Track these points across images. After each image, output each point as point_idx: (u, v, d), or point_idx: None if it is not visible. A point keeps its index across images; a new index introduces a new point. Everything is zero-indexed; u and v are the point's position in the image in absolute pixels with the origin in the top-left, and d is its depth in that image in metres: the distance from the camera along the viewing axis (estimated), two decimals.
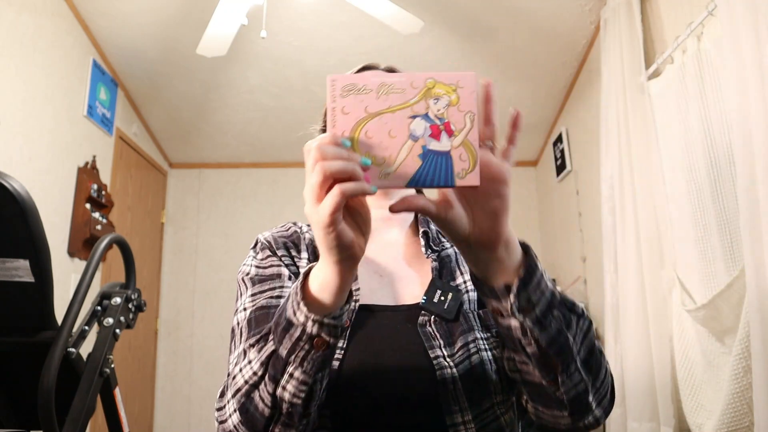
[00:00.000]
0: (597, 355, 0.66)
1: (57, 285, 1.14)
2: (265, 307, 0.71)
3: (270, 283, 0.75)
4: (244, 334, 0.69)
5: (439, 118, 0.53)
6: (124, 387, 3.10)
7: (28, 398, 1.21)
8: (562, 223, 3.56)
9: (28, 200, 1.01)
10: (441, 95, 0.53)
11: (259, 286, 0.75)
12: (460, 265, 0.84)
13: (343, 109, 0.52)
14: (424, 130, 0.53)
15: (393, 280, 0.82)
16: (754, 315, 1.36)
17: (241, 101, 3.41)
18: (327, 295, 0.56)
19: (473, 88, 0.54)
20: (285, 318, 0.58)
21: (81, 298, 1.17)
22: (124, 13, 2.68)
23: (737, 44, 1.46)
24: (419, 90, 0.53)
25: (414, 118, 0.53)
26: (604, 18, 2.47)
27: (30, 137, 2.38)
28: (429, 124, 0.53)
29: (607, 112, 2.40)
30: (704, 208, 1.83)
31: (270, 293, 0.73)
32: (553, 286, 0.61)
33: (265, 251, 0.80)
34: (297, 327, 0.56)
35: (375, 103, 0.52)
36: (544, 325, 0.58)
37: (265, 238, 0.83)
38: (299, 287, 0.57)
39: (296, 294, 0.57)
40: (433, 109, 0.53)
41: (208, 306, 3.96)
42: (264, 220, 4.07)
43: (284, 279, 0.76)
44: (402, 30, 2.34)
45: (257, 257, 0.80)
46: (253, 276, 0.77)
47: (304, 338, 0.56)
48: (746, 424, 1.51)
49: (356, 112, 0.52)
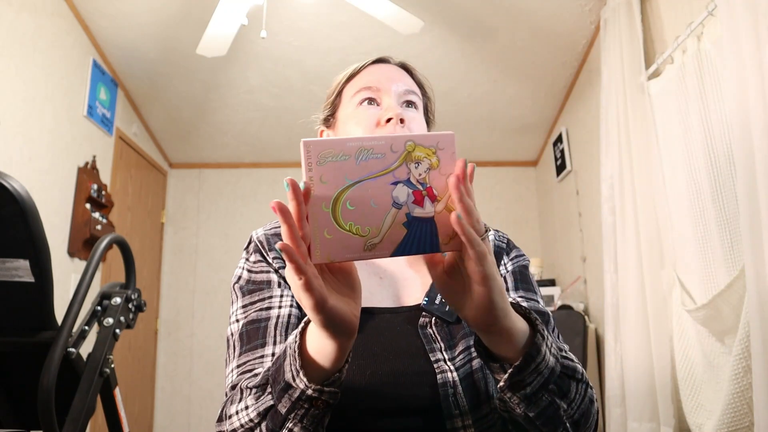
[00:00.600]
0: (591, 416, 0.66)
1: (57, 285, 1.14)
2: (255, 321, 0.72)
3: (259, 293, 0.75)
4: (237, 349, 0.70)
5: (421, 183, 0.53)
6: (124, 387, 3.10)
7: (28, 398, 1.21)
8: (562, 223, 3.56)
9: (28, 200, 1.01)
10: (421, 159, 0.53)
11: (249, 297, 0.75)
12: None
13: (321, 177, 0.51)
14: (407, 197, 0.52)
15: (393, 282, 0.81)
16: (754, 315, 1.36)
17: (241, 101, 3.41)
18: (326, 362, 0.55)
19: (453, 149, 0.54)
20: (284, 379, 0.56)
21: (81, 298, 1.17)
22: (124, 13, 2.68)
23: (737, 44, 1.46)
24: (399, 154, 0.52)
25: (396, 184, 0.52)
26: (604, 18, 2.47)
27: (30, 137, 2.38)
28: (411, 189, 0.52)
29: (607, 112, 2.40)
30: (704, 208, 1.83)
31: (260, 305, 0.74)
32: (555, 360, 0.60)
33: (257, 254, 0.79)
34: (296, 389, 0.56)
35: (355, 170, 0.51)
36: (534, 401, 0.59)
37: (258, 237, 0.81)
38: (297, 350, 0.56)
39: (294, 359, 0.56)
40: (415, 174, 0.52)
41: (208, 306, 3.96)
42: (264, 220, 4.07)
43: (273, 287, 0.75)
44: (402, 30, 2.34)
45: (249, 260, 0.80)
46: (243, 285, 0.77)
47: (303, 398, 0.56)
48: (746, 424, 1.51)
49: (336, 181, 0.51)
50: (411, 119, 0.80)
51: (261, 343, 0.70)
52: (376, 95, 0.81)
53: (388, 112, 0.78)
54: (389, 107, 0.79)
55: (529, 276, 0.84)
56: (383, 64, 0.86)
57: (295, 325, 0.72)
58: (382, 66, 0.86)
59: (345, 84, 0.86)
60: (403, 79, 0.84)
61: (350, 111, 0.82)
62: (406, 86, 0.83)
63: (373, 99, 0.81)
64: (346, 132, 0.82)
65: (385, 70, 0.84)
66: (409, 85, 0.84)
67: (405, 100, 0.82)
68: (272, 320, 0.72)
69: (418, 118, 0.82)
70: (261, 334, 0.70)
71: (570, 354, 0.69)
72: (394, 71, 0.85)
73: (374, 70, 0.84)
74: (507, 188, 4.20)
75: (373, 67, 0.85)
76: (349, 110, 0.83)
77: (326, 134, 0.89)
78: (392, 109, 0.78)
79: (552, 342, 0.61)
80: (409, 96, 0.82)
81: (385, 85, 0.81)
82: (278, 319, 0.72)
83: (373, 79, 0.82)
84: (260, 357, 0.68)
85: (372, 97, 0.81)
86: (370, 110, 0.80)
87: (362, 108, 0.81)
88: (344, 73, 0.87)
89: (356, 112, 0.81)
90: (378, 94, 0.81)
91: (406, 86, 0.83)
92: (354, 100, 0.82)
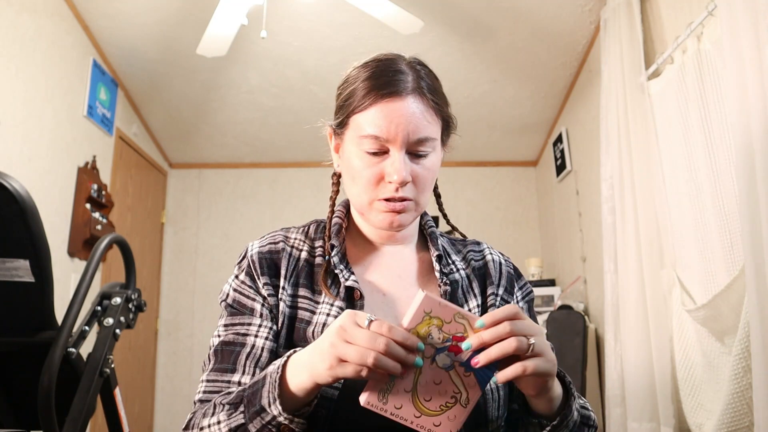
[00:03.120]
0: None
1: (57, 285, 1.15)
2: (231, 343, 0.76)
3: (240, 318, 0.78)
4: (211, 363, 0.76)
5: (446, 341, 0.60)
6: (124, 387, 3.10)
7: (28, 398, 1.21)
8: (562, 223, 3.56)
9: (28, 200, 1.01)
10: (429, 330, 0.59)
11: (230, 318, 0.78)
12: (467, 292, 0.83)
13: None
14: (450, 358, 0.60)
15: (396, 300, 0.81)
16: (754, 315, 1.36)
17: (241, 101, 3.41)
18: (302, 396, 0.63)
19: (437, 299, 0.60)
20: (259, 403, 0.63)
21: (81, 298, 1.17)
22: (124, 13, 2.68)
23: (737, 44, 1.46)
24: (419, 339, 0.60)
25: (434, 359, 0.60)
26: (604, 18, 2.47)
27: (30, 137, 2.38)
28: (446, 351, 0.60)
29: (607, 112, 2.40)
30: (704, 208, 1.83)
31: (238, 329, 0.77)
32: (578, 413, 0.71)
33: (248, 276, 0.79)
34: (269, 414, 0.62)
35: (406, 382, 0.60)
36: None
37: (252, 256, 0.80)
38: (277, 381, 0.63)
39: (274, 387, 0.63)
40: (437, 342, 0.60)
41: (208, 306, 3.96)
42: (264, 220, 4.07)
43: (255, 315, 0.77)
44: (402, 30, 2.34)
45: (238, 278, 0.80)
46: (229, 303, 0.80)
47: (273, 423, 0.63)
48: (746, 424, 1.51)
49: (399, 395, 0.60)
50: (418, 173, 0.76)
51: (231, 368, 0.74)
52: (383, 145, 0.75)
53: (393, 174, 0.74)
54: (395, 166, 0.74)
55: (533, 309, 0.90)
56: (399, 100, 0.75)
57: (267, 358, 0.75)
58: (396, 104, 0.75)
59: (354, 112, 0.78)
60: (417, 123, 0.75)
61: (356, 149, 0.77)
62: (418, 134, 0.75)
63: (378, 150, 0.76)
64: (351, 167, 0.78)
65: (397, 113, 0.74)
66: (422, 131, 0.76)
67: (416, 151, 0.76)
68: (246, 348, 0.75)
69: (427, 165, 0.78)
70: (232, 360, 0.75)
71: (587, 403, 0.78)
72: (408, 112, 0.75)
73: (387, 110, 0.74)
74: (507, 188, 4.20)
75: (386, 105, 0.75)
76: (354, 148, 0.78)
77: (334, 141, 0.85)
78: (397, 171, 0.74)
79: (577, 398, 0.71)
80: (420, 146, 0.76)
81: (396, 136, 0.74)
82: (252, 348, 0.75)
83: (383, 125, 0.74)
84: (228, 382, 0.74)
85: (378, 150, 0.75)
86: (375, 159, 0.76)
87: (367, 157, 0.76)
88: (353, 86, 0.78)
89: (362, 155, 0.77)
90: (386, 144, 0.75)
91: (418, 134, 0.75)
92: (361, 142, 0.76)
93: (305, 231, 0.86)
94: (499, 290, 0.85)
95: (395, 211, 0.76)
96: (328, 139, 0.88)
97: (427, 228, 0.89)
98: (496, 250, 0.91)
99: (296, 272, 0.80)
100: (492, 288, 0.84)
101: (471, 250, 0.89)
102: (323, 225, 0.87)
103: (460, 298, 0.82)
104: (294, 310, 0.78)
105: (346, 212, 0.88)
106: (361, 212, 0.81)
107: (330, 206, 0.88)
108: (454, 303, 0.80)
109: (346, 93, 0.80)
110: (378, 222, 0.78)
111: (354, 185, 0.79)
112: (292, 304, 0.78)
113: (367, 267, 0.84)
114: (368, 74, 0.78)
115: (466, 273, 0.85)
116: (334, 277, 0.79)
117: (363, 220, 0.85)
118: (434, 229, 0.89)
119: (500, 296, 0.84)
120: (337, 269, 0.79)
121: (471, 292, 0.83)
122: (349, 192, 0.82)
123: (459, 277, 0.84)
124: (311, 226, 0.87)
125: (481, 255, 0.89)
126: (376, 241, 0.86)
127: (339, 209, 0.87)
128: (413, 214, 0.79)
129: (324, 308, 0.77)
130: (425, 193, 0.79)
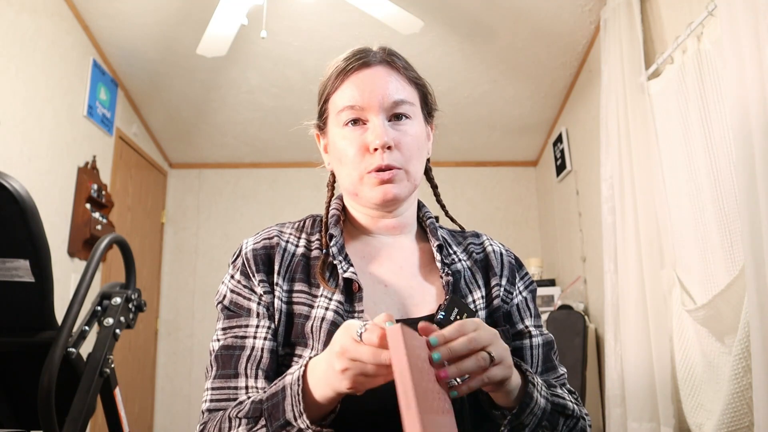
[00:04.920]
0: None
1: (57, 285, 1.14)
2: (230, 347, 0.75)
3: (237, 319, 0.77)
4: (213, 370, 0.75)
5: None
6: (124, 387, 3.10)
7: (28, 398, 1.21)
8: (562, 223, 3.56)
9: (28, 200, 1.01)
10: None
11: (228, 321, 0.77)
12: (470, 283, 0.82)
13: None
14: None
15: (399, 291, 0.80)
16: (754, 315, 1.36)
17: (241, 101, 3.41)
18: (328, 404, 0.62)
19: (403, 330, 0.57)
20: (284, 417, 0.62)
21: (81, 298, 1.17)
22: (124, 13, 2.68)
23: (737, 44, 1.46)
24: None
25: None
26: (604, 18, 2.47)
27: (30, 137, 2.38)
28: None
29: (607, 112, 2.40)
30: (704, 208, 1.83)
31: (237, 331, 0.76)
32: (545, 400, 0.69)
33: (243, 276, 0.78)
34: (294, 428, 0.62)
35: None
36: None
37: (246, 253, 0.79)
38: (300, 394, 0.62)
39: (298, 401, 0.62)
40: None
41: (208, 306, 3.96)
42: (264, 220, 4.07)
43: (252, 316, 0.76)
44: (402, 30, 2.34)
45: (234, 278, 0.79)
46: (225, 306, 0.78)
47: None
48: (746, 424, 1.51)
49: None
50: (400, 139, 0.77)
51: (234, 374, 0.73)
52: (361, 114, 0.77)
53: (375, 140, 0.75)
54: (375, 131, 0.75)
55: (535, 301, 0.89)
56: (367, 69, 0.79)
57: (268, 359, 0.74)
58: (365, 73, 0.78)
59: (330, 93, 0.81)
60: (389, 86, 0.78)
61: (338, 130, 0.79)
62: (392, 97, 0.77)
63: (358, 119, 0.77)
64: (336, 150, 0.79)
65: (368, 80, 0.78)
66: (396, 93, 0.78)
67: (394, 114, 0.78)
68: (246, 351, 0.74)
69: (410, 131, 0.78)
70: (234, 364, 0.73)
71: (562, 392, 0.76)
72: (378, 77, 0.78)
73: (357, 81, 0.78)
74: (507, 188, 4.20)
75: (356, 76, 0.78)
76: (336, 128, 0.80)
77: (322, 141, 0.87)
78: (378, 135, 0.75)
79: (542, 386, 0.70)
80: (397, 108, 0.78)
81: (370, 101, 0.76)
82: (252, 351, 0.74)
83: (356, 95, 0.77)
84: (234, 388, 0.73)
85: (357, 117, 0.77)
86: (356, 132, 0.77)
87: (348, 130, 0.77)
88: (327, 75, 0.82)
89: (344, 132, 0.78)
90: (363, 113, 0.77)
91: (392, 97, 0.77)
92: (339, 118, 0.78)
93: (301, 226, 0.85)
94: (502, 281, 0.84)
95: (384, 180, 0.76)
96: (317, 143, 0.89)
97: (425, 219, 0.88)
98: (496, 241, 0.91)
99: (291, 267, 0.79)
100: (495, 279, 0.84)
101: (471, 243, 0.89)
102: (320, 219, 0.86)
103: (463, 288, 0.81)
104: (290, 305, 0.76)
105: (343, 206, 0.87)
106: (355, 193, 0.79)
107: (326, 203, 0.87)
108: (457, 294, 0.80)
109: (322, 85, 0.83)
110: (372, 197, 0.77)
111: (343, 166, 0.79)
112: (288, 299, 0.77)
113: (368, 259, 0.83)
114: (338, 61, 0.82)
115: (468, 264, 0.84)
116: (333, 269, 0.78)
117: (358, 204, 0.83)
118: (433, 220, 0.88)
119: (503, 287, 0.84)
120: (336, 260, 0.78)
121: (474, 283, 0.82)
122: (340, 178, 0.82)
123: (461, 268, 0.83)
124: (307, 221, 0.86)
125: (481, 247, 0.88)
126: (374, 230, 0.84)
127: (336, 202, 0.87)
128: (405, 184, 0.78)
129: (322, 302, 0.75)
130: (413, 161, 0.78)
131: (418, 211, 0.89)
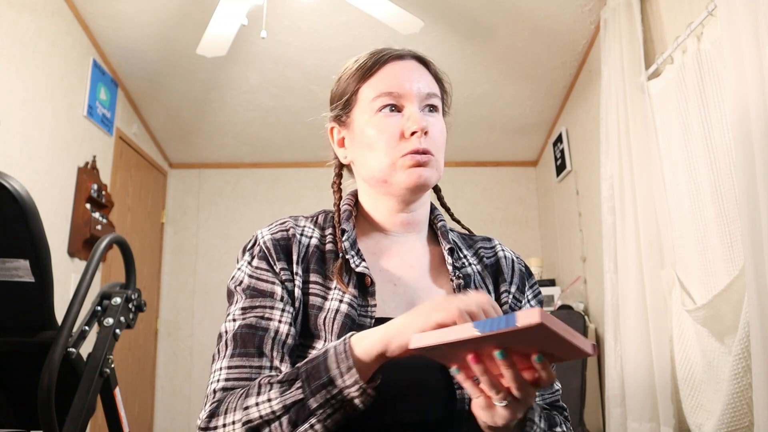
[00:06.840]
0: None
1: (57, 285, 1.14)
2: (253, 326, 0.71)
3: (261, 300, 0.74)
4: (229, 348, 0.71)
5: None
6: (124, 387, 3.10)
7: (28, 398, 1.21)
8: (562, 223, 3.56)
9: (28, 200, 1.01)
10: None
11: (250, 300, 0.74)
12: (480, 287, 0.82)
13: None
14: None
15: (408, 290, 0.80)
16: (754, 315, 1.36)
17: (241, 101, 3.41)
18: (373, 363, 0.61)
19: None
20: (327, 375, 0.61)
21: (81, 298, 1.17)
22: (124, 13, 2.68)
23: (737, 44, 1.46)
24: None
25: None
26: (604, 18, 2.47)
27: (30, 137, 2.38)
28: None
29: (607, 112, 2.40)
30: (704, 208, 1.83)
31: (261, 312, 0.73)
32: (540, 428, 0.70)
33: (263, 261, 0.76)
34: (336, 387, 0.60)
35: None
36: None
37: (265, 242, 0.77)
38: (348, 352, 0.61)
39: (345, 357, 0.61)
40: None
41: (208, 306, 3.96)
42: (264, 220, 4.07)
43: (276, 299, 0.73)
44: (402, 30, 2.34)
45: (252, 264, 0.77)
46: (245, 288, 0.75)
47: (339, 398, 0.60)
48: (746, 424, 1.51)
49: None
50: (433, 126, 0.79)
51: (257, 353, 0.70)
52: (398, 101, 0.78)
53: (413, 125, 0.76)
54: (413, 118, 0.77)
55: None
56: (400, 61, 0.81)
57: (291, 346, 0.72)
58: (399, 64, 0.81)
59: (360, 83, 0.81)
60: (424, 78, 0.81)
61: (369, 117, 0.79)
62: (428, 88, 0.80)
63: (395, 106, 0.78)
64: (366, 137, 0.79)
65: (404, 70, 0.80)
66: (429, 86, 0.81)
67: (427, 104, 0.80)
68: (270, 332, 0.71)
69: (438, 123, 0.80)
70: (257, 343, 0.70)
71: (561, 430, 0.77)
72: (414, 70, 0.81)
73: (393, 71, 0.80)
74: (507, 188, 4.20)
75: (391, 66, 0.81)
76: (367, 115, 0.79)
77: (339, 133, 0.86)
78: (416, 121, 0.76)
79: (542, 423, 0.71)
80: (430, 100, 0.80)
81: (407, 90, 0.78)
82: (276, 334, 0.71)
83: (393, 83, 0.78)
84: (258, 368, 0.69)
85: (394, 104, 0.78)
86: (392, 119, 0.78)
87: (383, 116, 0.78)
88: (356, 67, 0.83)
89: (377, 119, 0.78)
90: (399, 100, 0.78)
91: (428, 88, 0.80)
92: (373, 105, 0.79)
93: (314, 219, 0.85)
94: (511, 288, 0.84)
95: (420, 164, 0.76)
96: (329, 139, 0.88)
97: (437, 222, 0.87)
98: (508, 248, 0.90)
99: (307, 258, 0.78)
100: (504, 285, 0.84)
101: (482, 247, 0.89)
102: (332, 214, 0.86)
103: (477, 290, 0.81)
104: (306, 296, 0.75)
105: (355, 201, 0.86)
106: (384, 180, 0.78)
107: (336, 192, 0.87)
108: None
109: (347, 76, 0.84)
110: (404, 180, 0.77)
111: (372, 154, 0.78)
112: (305, 290, 0.76)
113: (378, 256, 0.82)
114: (367, 55, 0.83)
115: (478, 269, 0.84)
116: (345, 263, 0.78)
117: (383, 193, 0.82)
118: (444, 223, 0.88)
119: (512, 294, 0.84)
120: (348, 254, 0.77)
121: (484, 287, 0.82)
122: (366, 167, 0.80)
123: (471, 272, 0.83)
124: (320, 215, 0.86)
125: (492, 252, 0.88)
126: (387, 227, 0.83)
127: (348, 197, 0.86)
128: (434, 172, 0.78)
129: (336, 294, 0.75)
130: (441, 153, 0.80)
131: (430, 213, 0.89)
